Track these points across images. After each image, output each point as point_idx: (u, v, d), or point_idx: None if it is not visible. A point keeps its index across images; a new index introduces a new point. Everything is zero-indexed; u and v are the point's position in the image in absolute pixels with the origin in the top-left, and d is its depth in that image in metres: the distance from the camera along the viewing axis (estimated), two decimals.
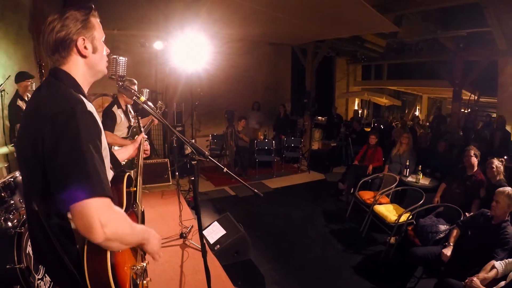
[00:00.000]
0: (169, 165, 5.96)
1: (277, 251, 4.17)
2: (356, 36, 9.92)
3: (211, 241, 3.61)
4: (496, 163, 3.78)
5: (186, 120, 7.78)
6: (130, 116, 3.84)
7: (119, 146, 3.47)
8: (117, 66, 1.56)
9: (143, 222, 1.58)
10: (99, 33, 1.25)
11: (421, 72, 11.43)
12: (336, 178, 7.03)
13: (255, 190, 1.85)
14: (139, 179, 1.61)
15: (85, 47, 1.19)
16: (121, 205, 1.33)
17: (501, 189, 3.01)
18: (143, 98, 1.70)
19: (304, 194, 6.49)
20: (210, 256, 3.41)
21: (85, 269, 1.09)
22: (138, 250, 1.37)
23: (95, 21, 1.24)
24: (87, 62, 1.23)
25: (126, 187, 1.39)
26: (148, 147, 1.95)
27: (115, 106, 3.65)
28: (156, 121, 3.83)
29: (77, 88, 1.20)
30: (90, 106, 1.15)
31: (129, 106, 3.89)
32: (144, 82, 7.62)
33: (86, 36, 1.19)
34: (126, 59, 1.63)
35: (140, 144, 1.87)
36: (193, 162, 1.61)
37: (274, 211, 5.43)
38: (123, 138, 3.65)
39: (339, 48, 10.76)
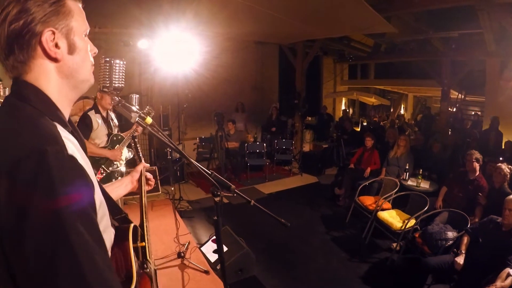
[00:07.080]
0: (157, 173, 5.60)
1: (280, 263, 3.96)
2: (344, 35, 9.79)
3: (212, 259, 3.35)
4: (506, 169, 3.69)
5: (173, 123, 7.43)
6: (112, 124, 3.54)
7: (96, 156, 3.25)
8: (111, 73, 1.14)
9: (157, 285, 1.19)
10: (79, 24, 0.81)
11: (408, 71, 11.47)
12: (329, 180, 6.86)
13: (282, 219, 1.55)
14: (146, 224, 1.17)
15: (55, 45, 0.76)
16: (129, 273, 0.91)
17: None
18: (149, 120, 1.33)
19: (299, 199, 6.28)
20: (213, 276, 3.16)
21: None
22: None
23: (74, 5, 0.81)
24: (61, 69, 0.79)
25: (133, 243, 1.02)
26: (151, 176, 1.47)
27: (93, 110, 3.37)
28: (139, 131, 3.50)
29: (53, 111, 0.77)
30: (71, 146, 0.72)
31: (112, 114, 3.60)
32: (127, 83, 7.19)
33: (57, 27, 0.76)
34: (125, 62, 1.25)
35: (140, 175, 1.40)
36: (216, 199, 1.27)
37: (271, 219, 5.16)
38: (101, 147, 3.35)
39: (326, 47, 10.62)
